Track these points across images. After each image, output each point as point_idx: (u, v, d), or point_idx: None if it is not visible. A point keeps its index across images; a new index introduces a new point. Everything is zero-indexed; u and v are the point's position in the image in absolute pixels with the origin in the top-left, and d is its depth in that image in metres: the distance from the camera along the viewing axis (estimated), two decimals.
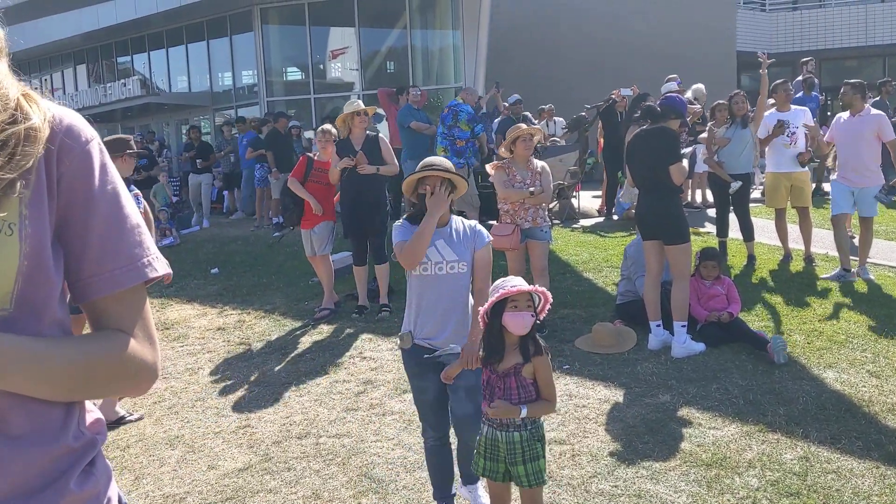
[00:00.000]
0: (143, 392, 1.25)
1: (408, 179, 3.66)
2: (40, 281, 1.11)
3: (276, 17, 20.02)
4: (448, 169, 3.58)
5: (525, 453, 3.08)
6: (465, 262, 3.56)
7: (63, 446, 1.15)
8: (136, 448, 5.00)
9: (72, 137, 1.17)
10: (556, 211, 10.98)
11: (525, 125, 6.76)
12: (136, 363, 1.18)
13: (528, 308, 3.04)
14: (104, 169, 1.20)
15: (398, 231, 3.63)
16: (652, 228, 5.75)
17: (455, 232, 3.61)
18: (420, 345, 3.58)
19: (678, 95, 5.93)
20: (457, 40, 18.35)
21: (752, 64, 21.68)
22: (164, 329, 7.76)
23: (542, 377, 3.09)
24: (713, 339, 5.78)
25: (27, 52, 24.88)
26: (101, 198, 1.18)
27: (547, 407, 3.17)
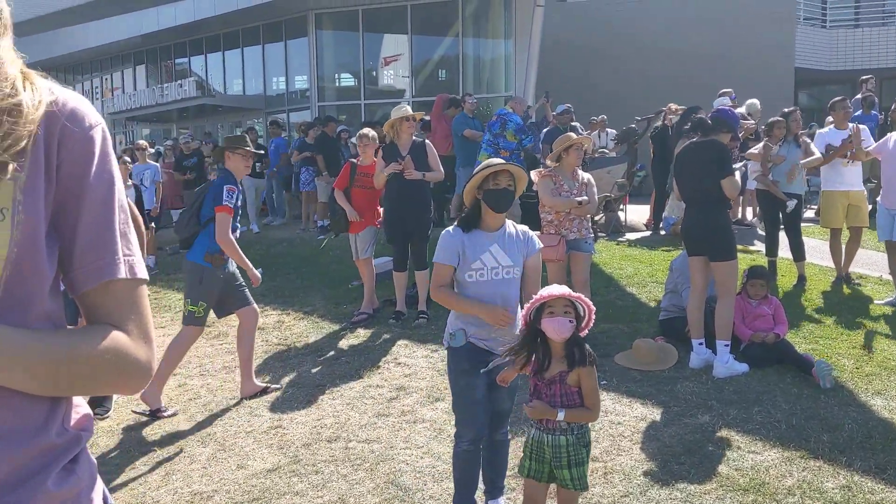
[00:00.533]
0: (134, 391, 1.20)
1: (472, 181, 3.57)
2: (30, 270, 1.07)
3: (330, 23, 20.21)
4: (516, 167, 3.62)
5: (571, 457, 3.14)
6: (519, 267, 3.56)
7: (44, 442, 1.10)
8: (168, 444, 5.03)
9: (74, 122, 1.13)
10: (602, 223, 10.83)
11: (575, 134, 6.66)
12: (126, 360, 1.13)
13: (567, 314, 3.06)
14: (104, 157, 1.16)
15: (445, 242, 3.57)
16: (698, 243, 5.61)
17: (509, 236, 3.59)
18: (475, 344, 3.55)
19: (730, 109, 5.78)
20: (508, 49, 18.29)
21: (811, 81, 21.29)
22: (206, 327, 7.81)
23: (585, 386, 3.12)
24: (757, 360, 5.60)
25: (89, 51, 25.57)
26: (96, 186, 1.13)
27: (587, 415, 3.17)
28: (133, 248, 1.18)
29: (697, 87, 15.46)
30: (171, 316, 8.42)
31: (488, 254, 3.49)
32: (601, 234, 10.43)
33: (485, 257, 3.49)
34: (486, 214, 3.55)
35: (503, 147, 9.51)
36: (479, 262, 3.48)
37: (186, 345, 5.70)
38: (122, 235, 1.16)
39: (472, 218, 3.58)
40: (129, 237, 1.18)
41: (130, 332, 1.14)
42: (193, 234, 5.57)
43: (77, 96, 1.17)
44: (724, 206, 5.51)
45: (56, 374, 1.06)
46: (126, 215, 1.18)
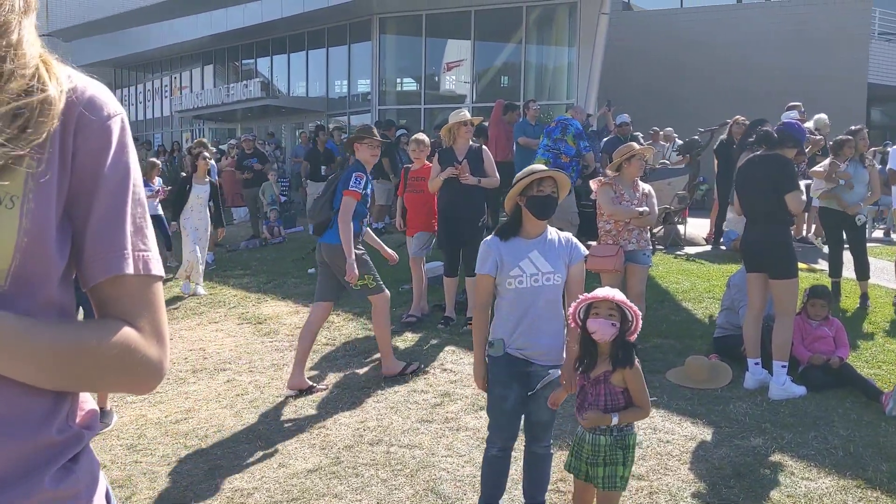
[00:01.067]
0: (146, 391, 1.14)
1: (514, 188, 3.54)
2: (40, 259, 1.04)
3: (393, 27, 20.36)
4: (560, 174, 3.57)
5: (606, 457, 3.22)
6: (561, 274, 3.47)
7: (43, 438, 1.06)
8: (214, 439, 5.07)
9: (92, 110, 1.09)
10: (660, 236, 10.63)
11: (637, 144, 6.53)
12: (136, 357, 1.09)
13: (611, 317, 3.16)
14: (122, 147, 1.12)
15: (482, 251, 3.57)
16: (757, 260, 5.43)
17: (550, 242, 3.52)
18: (512, 354, 3.49)
19: (797, 123, 5.58)
20: (571, 57, 18.17)
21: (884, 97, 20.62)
22: (256, 324, 7.91)
23: (633, 387, 3.23)
24: (816, 383, 5.39)
25: (160, 50, 26.21)
26: (110, 177, 1.10)
27: (639, 413, 3.29)
28: (149, 242, 1.14)
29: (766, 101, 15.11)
30: (224, 311, 8.53)
31: (527, 260, 3.43)
32: (659, 247, 10.23)
33: (524, 264, 3.43)
34: (527, 221, 3.50)
35: (564, 152, 9.39)
36: (518, 269, 3.42)
37: (384, 311, 6.04)
38: (137, 229, 1.13)
39: (511, 225, 3.53)
40: (144, 231, 1.14)
41: (142, 328, 1.10)
42: (327, 220, 5.89)
43: (97, 84, 1.14)
44: (787, 222, 5.32)
45: (60, 365, 1.02)
46: (143, 209, 1.15)
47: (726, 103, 16.41)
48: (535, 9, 18.49)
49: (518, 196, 3.50)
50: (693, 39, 20.11)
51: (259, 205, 13.44)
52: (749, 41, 19.51)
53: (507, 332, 3.48)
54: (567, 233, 3.65)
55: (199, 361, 6.79)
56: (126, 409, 5.71)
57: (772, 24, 19.46)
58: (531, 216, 3.47)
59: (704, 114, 16.74)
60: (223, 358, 6.85)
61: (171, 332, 7.69)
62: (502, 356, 3.49)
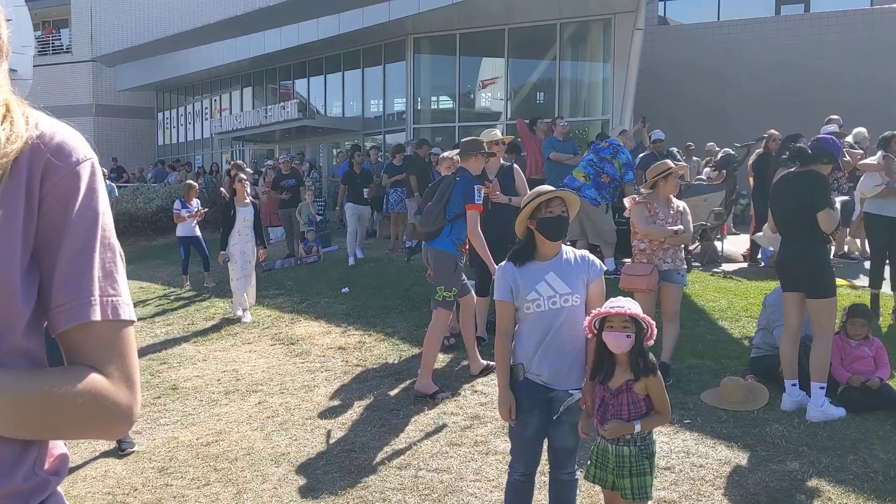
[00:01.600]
0: (115, 437, 1.14)
1: (523, 212, 3.47)
2: (3, 308, 1.03)
3: (427, 47, 20.47)
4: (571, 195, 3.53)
5: (633, 468, 3.25)
6: (579, 294, 3.39)
7: (8, 487, 1.05)
8: (243, 461, 5.08)
9: (60, 157, 1.10)
10: (697, 253, 10.47)
11: (672, 162, 6.43)
12: (104, 405, 1.08)
13: (625, 329, 3.18)
14: (91, 192, 1.12)
15: (497, 278, 3.53)
16: (793, 279, 5.29)
17: (566, 262, 3.45)
18: (532, 380, 3.44)
19: (833, 137, 5.44)
20: (606, 73, 18.07)
21: None
22: (289, 344, 7.94)
23: (654, 394, 3.26)
24: (855, 405, 5.24)
25: (200, 74, 26.69)
26: (78, 223, 1.10)
27: (661, 419, 3.34)
28: (119, 287, 1.14)
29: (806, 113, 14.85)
30: (258, 332, 8.59)
31: (544, 283, 3.37)
32: (696, 264, 10.07)
33: (540, 287, 3.37)
34: (540, 244, 3.44)
35: (607, 173, 9.32)
36: (535, 293, 3.36)
37: (442, 328, 6.30)
38: (106, 275, 1.12)
39: (525, 250, 3.47)
40: (114, 276, 1.13)
41: (111, 375, 1.10)
42: (441, 228, 6.18)
43: (67, 130, 1.14)
44: (823, 239, 5.18)
45: (27, 415, 1.01)
46: (113, 253, 1.14)
47: (765, 117, 16.21)
48: (568, 25, 18.44)
49: (528, 219, 3.45)
50: (731, 52, 19.89)
51: (295, 225, 13.56)
52: (789, 53, 19.25)
53: (527, 357, 3.43)
54: (583, 250, 3.56)
55: (232, 383, 6.84)
56: (158, 432, 5.76)
57: (812, 34, 19.19)
58: (544, 238, 3.42)
59: (743, 128, 16.53)
60: (255, 379, 6.89)
61: (205, 353, 7.81)
62: (522, 382, 3.44)
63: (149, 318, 9.86)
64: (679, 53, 20.57)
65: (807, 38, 19.19)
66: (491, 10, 17.55)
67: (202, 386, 6.84)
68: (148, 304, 10.84)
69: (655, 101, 20.03)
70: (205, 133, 28.92)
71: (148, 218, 18.92)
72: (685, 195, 10.72)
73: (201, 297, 10.95)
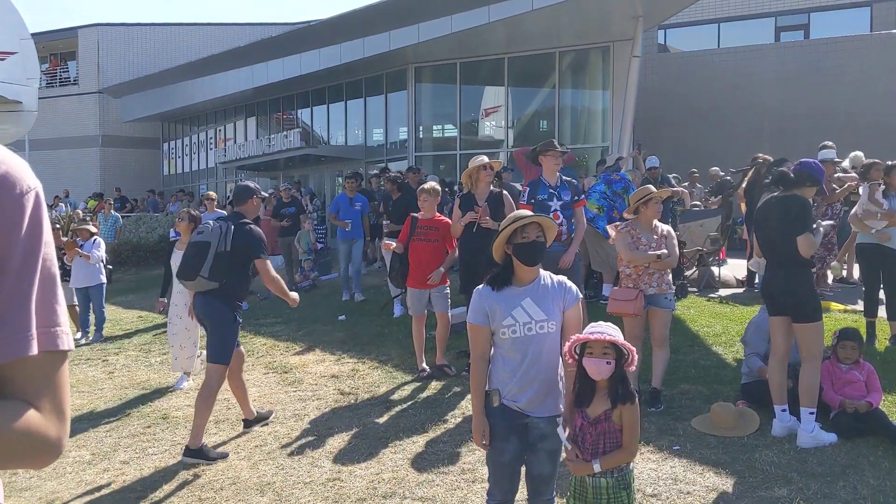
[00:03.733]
0: (40, 468, 1.14)
1: (500, 237, 3.46)
2: None
3: (428, 76, 20.65)
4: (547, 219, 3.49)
5: (610, 499, 3.22)
6: (555, 320, 3.35)
7: None
8: (228, 491, 5.05)
9: (4, 187, 1.09)
10: (694, 278, 10.44)
11: (654, 187, 6.45)
12: (34, 439, 1.08)
13: (605, 356, 3.14)
14: (35, 223, 1.11)
15: (473, 301, 3.49)
16: (779, 303, 5.27)
17: (543, 288, 3.41)
18: (507, 406, 3.40)
19: (815, 161, 5.44)
20: (606, 100, 18.17)
21: None
22: (282, 373, 7.92)
23: (626, 423, 3.19)
24: (846, 430, 5.18)
25: (205, 104, 26.94)
26: (17, 255, 1.09)
27: (622, 456, 3.22)
28: (58, 317, 1.13)
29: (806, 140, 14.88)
30: (252, 360, 8.56)
31: (520, 309, 3.33)
32: (692, 290, 10.04)
33: (516, 313, 3.33)
34: (518, 269, 3.41)
35: (618, 208, 9.33)
36: (511, 319, 3.32)
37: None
38: (46, 306, 1.12)
39: (503, 274, 3.45)
40: (53, 307, 1.13)
41: (43, 408, 1.09)
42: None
43: (12, 160, 1.12)
44: (807, 264, 5.16)
45: None
46: (53, 283, 1.14)
47: (766, 142, 16.23)
48: (567, 54, 18.59)
49: (505, 244, 3.45)
50: (731, 79, 19.99)
51: (294, 253, 13.59)
52: (788, 80, 19.35)
53: (503, 382, 3.39)
54: (561, 276, 3.52)
55: (223, 412, 6.81)
56: (146, 461, 5.73)
57: (811, 61, 19.28)
58: (521, 263, 3.41)
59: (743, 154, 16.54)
60: None
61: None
62: (498, 407, 3.41)
63: (145, 348, 9.86)
64: (679, 81, 20.69)
65: (806, 64, 19.28)
66: (490, 39, 17.70)
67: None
68: (145, 334, 10.85)
69: (656, 128, 20.12)
70: (210, 163, 29.14)
71: (150, 247, 19.01)
72: (682, 220, 10.74)
73: (197, 327, 10.93)
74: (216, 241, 5.62)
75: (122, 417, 6.92)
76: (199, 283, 5.65)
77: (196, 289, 5.72)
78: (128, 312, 12.93)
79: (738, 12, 23.75)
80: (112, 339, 10.61)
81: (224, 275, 5.63)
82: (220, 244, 5.61)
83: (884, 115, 18.03)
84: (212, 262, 5.58)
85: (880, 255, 7.28)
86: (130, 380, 8.27)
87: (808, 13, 23.05)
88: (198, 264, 5.58)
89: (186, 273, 5.66)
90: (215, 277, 5.61)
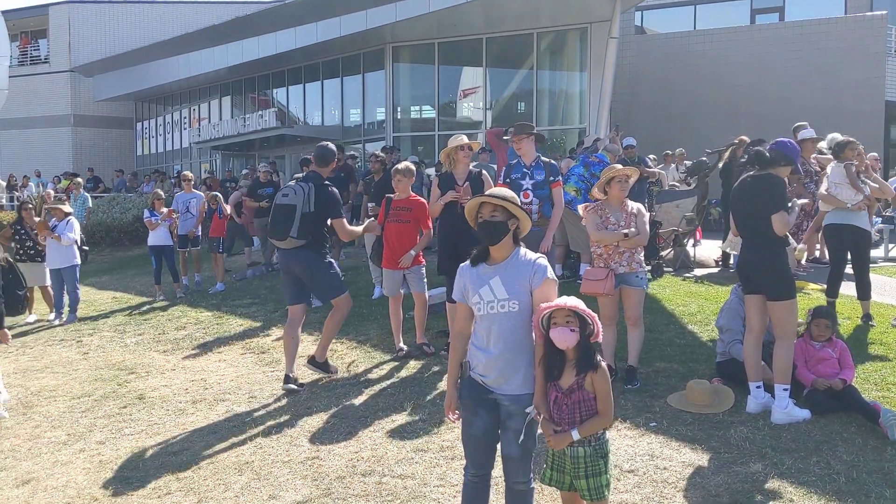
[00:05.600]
0: None
1: (469, 204, 3.50)
2: None
3: (406, 56, 20.53)
4: (507, 198, 3.41)
5: (588, 468, 3.31)
6: (518, 300, 3.31)
7: None
8: (206, 470, 5.04)
9: None
10: (670, 258, 10.52)
11: (620, 165, 6.46)
12: None
13: (568, 324, 3.21)
14: None
15: (457, 278, 3.52)
16: (754, 282, 5.32)
17: (514, 267, 3.38)
18: (474, 379, 3.42)
19: (790, 141, 5.48)
20: (584, 82, 18.19)
21: None
22: (260, 353, 7.90)
23: (598, 391, 3.27)
24: (820, 407, 5.25)
25: (179, 83, 26.61)
26: None
27: (600, 422, 3.30)
28: None
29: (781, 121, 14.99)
30: (229, 341, 8.52)
31: (487, 287, 3.34)
32: (668, 269, 10.12)
33: (483, 290, 3.34)
34: (491, 247, 3.44)
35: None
36: (477, 297, 3.34)
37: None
38: None
39: (482, 252, 3.46)
40: None
41: None
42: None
43: None
44: (781, 242, 5.21)
45: None
46: None
47: (741, 124, 16.33)
48: (545, 35, 18.56)
49: (474, 224, 3.47)
50: (707, 61, 20.07)
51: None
52: (763, 62, 19.45)
53: (474, 356, 3.43)
54: (537, 254, 3.50)
55: (200, 392, 6.78)
56: (122, 442, 5.70)
57: (786, 44, 19.40)
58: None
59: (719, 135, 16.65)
60: (224, 389, 6.84)
61: (174, 362, 7.75)
62: (467, 380, 3.44)
63: (119, 328, 9.78)
64: (656, 62, 20.73)
65: (781, 46, 19.39)
66: (468, 19, 17.63)
67: (169, 396, 6.78)
68: (120, 314, 10.75)
69: (634, 109, 20.19)
70: (184, 143, 28.83)
71: (124, 228, 18.78)
72: (658, 201, 10.80)
73: (172, 307, 10.87)
74: (301, 203, 6.31)
75: (97, 398, 6.87)
76: (289, 242, 6.34)
77: (286, 247, 6.41)
78: (102, 293, 12.80)
79: None
80: (86, 319, 10.51)
81: (310, 232, 6.35)
82: (305, 206, 6.31)
83: (855, 99, 18.20)
84: (299, 224, 6.27)
85: (848, 234, 7.35)
86: (105, 360, 8.21)
87: None
88: (287, 226, 6.26)
89: (278, 233, 6.34)
90: (303, 236, 6.32)
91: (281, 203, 6.38)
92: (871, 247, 7.48)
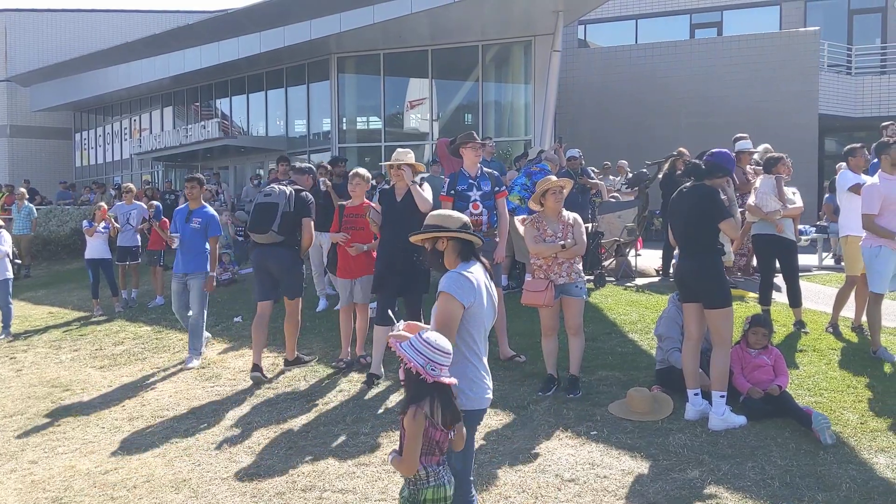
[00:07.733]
0: None
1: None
2: None
3: (352, 67, 20.48)
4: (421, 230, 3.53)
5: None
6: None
7: None
8: (141, 489, 4.91)
9: None
10: (612, 268, 10.65)
11: (555, 177, 6.52)
12: None
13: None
14: None
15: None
16: (691, 290, 5.42)
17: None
18: None
19: (727, 152, 5.60)
20: (528, 94, 18.37)
21: (837, 128, 20.99)
22: (199, 368, 7.75)
23: (405, 433, 3.05)
24: (756, 413, 5.36)
25: (119, 93, 26.09)
26: None
27: (397, 462, 3.08)
28: None
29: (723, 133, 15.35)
30: (168, 356, 8.37)
31: None
32: (610, 279, 10.24)
33: None
34: None
35: None
36: None
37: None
38: None
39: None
40: None
41: None
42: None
43: None
44: (717, 251, 5.33)
45: None
46: None
47: (684, 136, 16.67)
48: (490, 47, 18.71)
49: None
50: (649, 74, 20.43)
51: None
52: (704, 75, 19.87)
53: None
54: (457, 270, 3.51)
55: (137, 409, 6.62)
56: (56, 461, 5.53)
57: (725, 58, 19.84)
58: None
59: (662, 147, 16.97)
60: (162, 405, 6.68)
61: (111, 378, 7.55)
62: None
63: (55, 344, 9.50)
64: (600, 74, 21.03)
65: (720, 59, 19.83)
66: (414, 30, 17.66)
67: (105, 413, 6.60)
68: (56, 330, 10.45)
69: (578, 122, 20.44)
70: (124, 154, 28.25)
71: (62, 241, 18.30)
72: (600, 212, 10.94)
73: (111, 322, 10.61)
74: (283, 202, 6.96)
75: (30, 416, 6.65)
76: (270, 237, 6.93)
77: (265, 241, 6.96)
78: (37, 308, 12.42)
79: (654, 9, 24.27)
80: (20, 335, 10.18)
81: (289, 231, 6.97)
82: (286, 205, 6.96)
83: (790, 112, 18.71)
84: (280, 220, 6.89)
85: (775, 244, 7.55)
86: (39, 377, 7.96)
87: (722, 11, 23.70)
88: (269, 221, 6.88)
89: (260, 227, 6.91)
90: (283, 233, 6.93)
91: (263, 202, 6.99)
92: (797, 255, 7.68)
